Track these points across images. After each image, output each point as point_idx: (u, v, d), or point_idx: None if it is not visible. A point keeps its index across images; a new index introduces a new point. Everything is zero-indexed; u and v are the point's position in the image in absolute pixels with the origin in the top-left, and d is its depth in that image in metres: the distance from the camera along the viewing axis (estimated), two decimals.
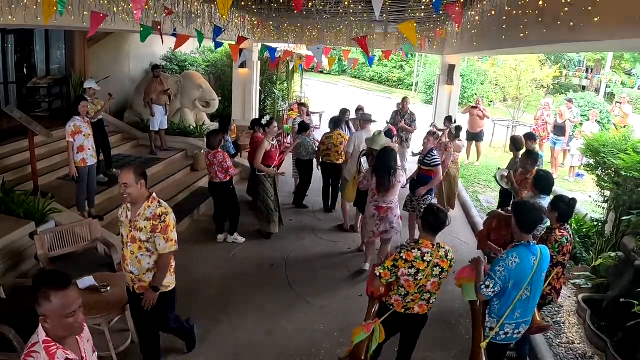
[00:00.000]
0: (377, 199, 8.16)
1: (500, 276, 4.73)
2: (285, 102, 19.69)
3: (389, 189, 8.03)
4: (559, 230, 5.77)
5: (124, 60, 16.96)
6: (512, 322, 4.98)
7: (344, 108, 13.21)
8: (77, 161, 8.92)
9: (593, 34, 5.79)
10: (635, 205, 8.27)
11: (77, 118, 8.89)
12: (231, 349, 6.58)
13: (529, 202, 5.03)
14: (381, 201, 8.14)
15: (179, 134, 15.00)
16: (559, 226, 5.81)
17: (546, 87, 22.91)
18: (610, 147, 9.29)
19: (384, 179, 7.96)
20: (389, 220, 8.23)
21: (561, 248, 5.70)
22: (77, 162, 8.92)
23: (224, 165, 9.16)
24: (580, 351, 6.80)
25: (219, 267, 8.84)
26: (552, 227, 5.85)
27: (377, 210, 8.20)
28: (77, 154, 8.91)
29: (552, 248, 5.63)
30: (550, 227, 5.86)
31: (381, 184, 7.99)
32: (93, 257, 7.46)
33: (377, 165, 8.13)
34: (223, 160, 9.15)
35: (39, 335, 3.16)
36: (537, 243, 5.21)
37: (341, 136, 11.19)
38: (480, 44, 10.89)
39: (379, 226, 8.26)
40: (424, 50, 16.04)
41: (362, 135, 10.21)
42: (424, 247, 4.95)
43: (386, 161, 8.00)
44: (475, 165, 16.83)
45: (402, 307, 5.13)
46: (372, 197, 8.27)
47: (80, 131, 8.85)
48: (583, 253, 9.20)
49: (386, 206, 8.16)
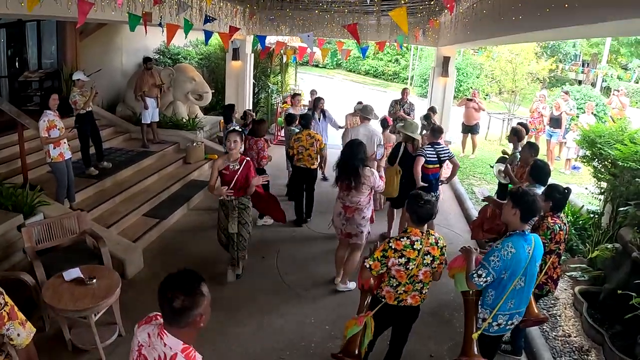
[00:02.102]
0: (343, 197, 7.50)
1: (495, 266, 4.64)
2: (279, 96, 19.60)
3: (352, 188, 7.29)
4: (551, 217, 5.74)
5: (116, 54, 16.83)
6: (506, 312, 4.90)
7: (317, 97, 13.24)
8: (54, 156, 8.79)
9: (586, 18, 5.72)
10: (632, 196, 8.19)
11: (49, 112, 8.73)
12: (222, 342, 6.50)
13: (531, 192, 4.92)
14: (347, 200, 7.44)
15: (171, 126, 14.92)
16: (552, 214, 5.78)
17: (542, 81, 22.89)
18: (606, 138, 9.21)
19: (346, 177, 7.27)
20: (355, 222, 7.49)
21: (553, 235, 5.66)
22: (55, 157, 8.79)
23: (260, 153, 9.72)
24: (577, 344, 6.72)
25: (209, 259, 8.75)
26: (544, 214, 5.79)
27: (343, 209, 7.53)
28: (54, 149, 8.76)
29: (544, 235, 5.61)
30: (543, 214, 5.79)
31: (342, 181, 7.36)
32: (81, 250, 7.38)
33: (341, 160, 7.41)
34: (262, 148, 9.76)
35: (171, 347, 2.99)
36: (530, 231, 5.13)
37: (311, 137, 10.23)
38: (474, 33, 10.81)
39: (345, 226, 7.60)
40: (418, 41, 15.96)
41: (360, 130, 9.92)
42: (413, 236, 4.86)
43: (351, 156, 7.22)
44: (470, 158, 16.73)
45: (395, 299, 5.04)
46: (339, 193, 7.62)
47: (54, 125, 8.72)
48: (579, 245, 9.14)
49: (353, 206, 7.42)
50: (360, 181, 7.19)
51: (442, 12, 13.97)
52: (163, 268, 8.26)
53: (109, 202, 9.87)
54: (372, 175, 7.32)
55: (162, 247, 9.15)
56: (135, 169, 11.81)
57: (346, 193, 7.38)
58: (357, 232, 7.55)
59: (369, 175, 7.26)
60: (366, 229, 7.64)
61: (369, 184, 7.30)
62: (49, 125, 8.62)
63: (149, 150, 13.32)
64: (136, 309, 6.92)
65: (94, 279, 5.95)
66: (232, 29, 9.76)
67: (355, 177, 7.16)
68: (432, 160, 8.84)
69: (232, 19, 14.08)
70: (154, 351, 3.01)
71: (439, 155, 8.93)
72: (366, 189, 7.36)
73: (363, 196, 7.39)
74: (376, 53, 37.56)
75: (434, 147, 8.94)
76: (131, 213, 9.75)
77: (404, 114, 14.21)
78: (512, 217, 4.80)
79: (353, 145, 7.30)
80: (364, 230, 7.59)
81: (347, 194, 7.37)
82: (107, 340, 6.18)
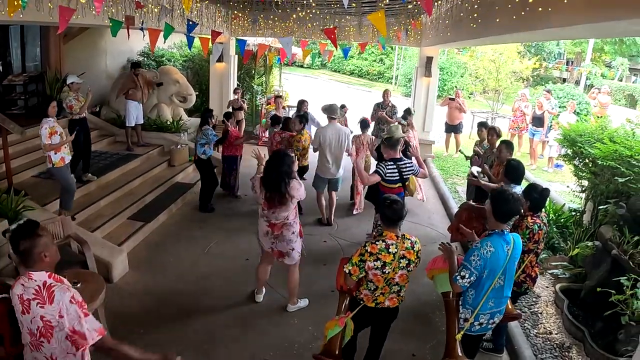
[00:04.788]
0: (267, 215, 6.74)
1: (476, 265, 4.70)
2: (263, 97, 19.61)
3: (279, 205, 6.59)
4: (530, 217, 5.80)
5: (100, 57, 16.77)
6: (487, 312, 4.97)
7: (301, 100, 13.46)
8: (56, 161, 8.64)
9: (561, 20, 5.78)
10: (612, 194, 8.29)
11: (49, 119, 8.58)
12: (205, 343, 6.54)
13: (509, 191, 4.99)
14: (272, 217, 6.71)
15: (155, 129, 14.89)
16: (531, 214, 5.84)
17: (526, 79, 22.99)
18: (587, 136, 9.29)
19: (274, 191, 6.53)
20: (285, 238, 6.86)
21: (532, 235, 5.73)
22: (56, 162, 8.64)
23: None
24: (558, 341, 6.81)
25: (194, 262, 8.79)
26: (524, 214, 5.87)
27: (270, 227, 6.83)
28: (55, 154, 8.62)
29: (523, 234, 5.68)
30: (522, 214, 5.87)
31: (270, 198, 6.57)
32: (66, 254, 7.32)
33: (267, 172, 6.57)
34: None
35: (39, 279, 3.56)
36: (510, 230, 5.20)
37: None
38: (455, 35, 10.85)
39: (275, 244, 6.95)
40: (401, 42, 15.98)
41: (327, 131, 10.21)
42: (388, 239, 4.88)
43: (276, 169, 6.48)
44: (454, 157, 16.82)
45: (372, 301, 5.07)
46: (262, 211, 6.82)
47: (55, 132, 8.59)
48: (561, 243, 9.22)
49: (280, 222, 6.75)
50: (289, 195, 6.55)
51: (421, 14, 14.03)
52: (148, 271, 8.30)
53: (94, 205, 9.85)
54: (301, 187, 6.73)
55: (147, 250, 9.14)
56: (120, 172, 11.77)
57: (272, 211, 6.67)
58: (288, 249, 6.95)
59: (298, 188, 6.65)
60: (297, 245, 7.04)
61: (297, 196, 6.66)
62: (51, 132, 8.49)
63: (133, 153, 13.29)
64: (121, 313, 6.97)
65: (78, 283, 5.94)
66: (215, 34, 9.78)
67: (282, 192, 6.50)
68: (393, 179, 7.87)
69: (214, 22, 14.10)
70: (31, 289, 3.51)
71: (401, 172, 7.87)
72: (293, 203, 6.78)
73: (290, 210, 6.75)
74: (360, 53, 37.64)
75: (396, 164, 7.87)
76: (116, 216, 9.73)
77: (387, 116, 14.13)
78: (490, 216, 4.89)
79: (277, 156, 6.64)
80: (296, 247, 6.99)
81: (272, 211, 6.67)
82: None
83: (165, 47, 19.89)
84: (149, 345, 6.31)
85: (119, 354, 3.72)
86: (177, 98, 15.99)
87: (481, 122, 11.62)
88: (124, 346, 3.76)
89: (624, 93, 34.61)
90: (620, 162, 8.09)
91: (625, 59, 36.05)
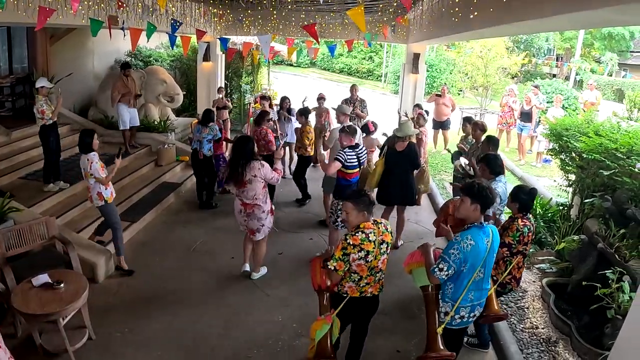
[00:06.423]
0: (239, 193, 7.66)
1: (455, 259, 4.69)
2: (252, 95, 19.58)
3: (240, 182, 7.45)
4: (521, 219, 5.82)
5: (87, 57, 16.67)
6: (467, 305, 4.96)
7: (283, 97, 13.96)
8: (108, 197, 7.99)
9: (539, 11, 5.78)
10: (598, 188, 8.32)
11: (94, 154, 7.86)
12: (190, 342, 6.55)
13: (483, 182, 4.99)
14: (243, 196, 7.61)
15: (142, 129, 14.76)
16: (521, 216, 5.86)
17: (515, 75, 23.03)
18: (572, 130, 9.30)
19: (234, 171, 7.43)
20: (256, 216, 7.71)
21: (522, 237, 5.74)
22: (108, 198, 8.00)
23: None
24: (545, 336, 6.81)
25: (181, 260, 8.83)
26: (514, 216, 5.88)
27: (242, 206, 7.69)
28: (106, 189, 7.95)
29: (513, 236, 5.71)
30: (513, 216, 5.90)
31: (231, 176, 7.50)
32: (50, 255, 7.38)
33: (232, 154, 7.70)
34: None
35: None
36: (500, 231, 5.21)
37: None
38: (438, 30, 10.87)
39: (247, 222, 7.79)
40: (387, 39, 15.94)
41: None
42: (366, 229, 4.90)
43: (238, 151, 7.49)
44: (442, 154, 16.84)
45: (358, 291, 5.10)
46: (235, 191, 7.73)
47: (103, 166, 7.96)
48: (548, 237, 9.24)
49: (251, 202, 7.61)
50: (249, 174, 7.41)
51: (400, 10, 14.02)
52: (134, 270, 8.28)
53: (80, 206, 9.82)
54: (263, 168, 7.52)
55: (133, 249, 9.09)
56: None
57: (241, 190, 7.53)
58: (259, 226, 7.78)
59: (259, 168, 7.48)
60: (267, 222, 7.89)
61: (260, 176, 7.48)
62: (102, 165, 7.90)
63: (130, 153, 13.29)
64: (106, 312, 6.97)
65: (62, 283, 5.98)
66: (200, 33, 9.76)
67: (242, 171, 7.37)
68: (352, 164, 8.34)
69: (198, 21, 14.06)
70: None
71: (359, 158, 8.50)
72: (258, 182, 7.52)
73: (257, 190, 7.55)
74: (349, 52, 37.62)
75: (354, 150, 8.41)
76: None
77: (358, 111, 14.09)
78: (472, 212, 4.86)
79: (240, 140, 7.69)
80: (265, 223, 7.84)
81: (242, 190, 7.53)
82: (77, 343, 6.17)
83: (153, 47, 19.84)
84: (134, 344, 6.33)
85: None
86: (164, 98, 15.99)
87: (466, 117, 11.67)
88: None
89: (612, 88, 34.70)
90: (605, 155, 8.11)
91: (615, 54, 36.20)
